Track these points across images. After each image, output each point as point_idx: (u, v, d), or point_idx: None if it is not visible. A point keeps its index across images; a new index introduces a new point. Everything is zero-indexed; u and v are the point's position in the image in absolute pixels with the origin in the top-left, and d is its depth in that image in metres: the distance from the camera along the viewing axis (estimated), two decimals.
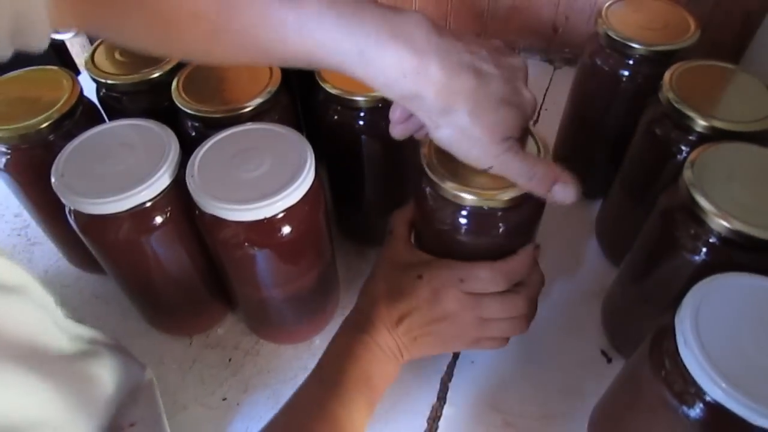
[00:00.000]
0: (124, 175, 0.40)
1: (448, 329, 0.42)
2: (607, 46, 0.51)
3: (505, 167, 0.35)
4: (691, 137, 0.43)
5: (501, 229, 0.39)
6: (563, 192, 0.36)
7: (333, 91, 0.46)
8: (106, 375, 0.35)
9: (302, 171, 0.40)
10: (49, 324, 0.31)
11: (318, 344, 0.53)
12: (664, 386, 0.32)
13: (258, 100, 0.46)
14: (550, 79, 0.79)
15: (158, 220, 0.41)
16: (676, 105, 0.43)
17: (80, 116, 0.48)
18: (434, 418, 0.48)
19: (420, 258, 0.43)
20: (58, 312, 0.33)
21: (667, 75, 0.45)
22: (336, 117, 0.48)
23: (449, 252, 0.42)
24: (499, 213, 0.38)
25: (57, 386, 0.29)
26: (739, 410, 0.28)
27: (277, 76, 0.48)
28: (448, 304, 0.40)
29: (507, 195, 0.37)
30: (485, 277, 0.40)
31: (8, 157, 0.46)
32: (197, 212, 0.41)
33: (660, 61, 0.48)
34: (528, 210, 0.40)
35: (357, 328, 0.41)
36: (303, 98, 0.57)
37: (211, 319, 0.55)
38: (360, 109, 0.47)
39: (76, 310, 0.56)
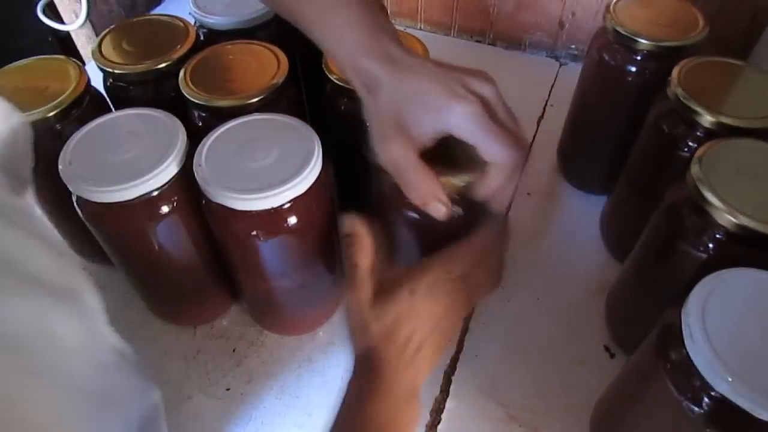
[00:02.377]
0: (132, 163, 0.40)
1: (449, 320, 0.40)
2: (614, 42, 0.51)
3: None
4: (698, 133, 0.43)
5: (462, 209, 0.39)
6: (436, 211, 0.38)
7: (340, 83, 0.46)
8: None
9: (309, 161, 0.40)
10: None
11: (322, 336, 0.53)
12: (669, 380, 0.32)
13: (265, 91, 0.46)
14: (556, 76, 0.79)
15: (165, 209, 0.42)
16: (683, 101, 0.43)
17: (87, 106, 0.48)
18: (437, 411, 0.48)
19: (395, 278, 0.39)
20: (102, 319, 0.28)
21: (675, 71, 0.45)
22: (343, 108, 0.48)
23: (422, 242, 0.42)
24: (456, 197, 0.38)
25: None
26: (745, 404, 0.28)
27: (285, 68, 0.48)
28: (444, 300, 0.39)
29: (460, 181, 0.37)
30: (466, 258, 0.40)
31: None
32: (204, 201, 0.41)
33: (668, 56, 0.48)
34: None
35: (367, 383, 0.36)
36: (310, 89, 0.57)
37: (215, 310, 0.55)
38: None
39: None
